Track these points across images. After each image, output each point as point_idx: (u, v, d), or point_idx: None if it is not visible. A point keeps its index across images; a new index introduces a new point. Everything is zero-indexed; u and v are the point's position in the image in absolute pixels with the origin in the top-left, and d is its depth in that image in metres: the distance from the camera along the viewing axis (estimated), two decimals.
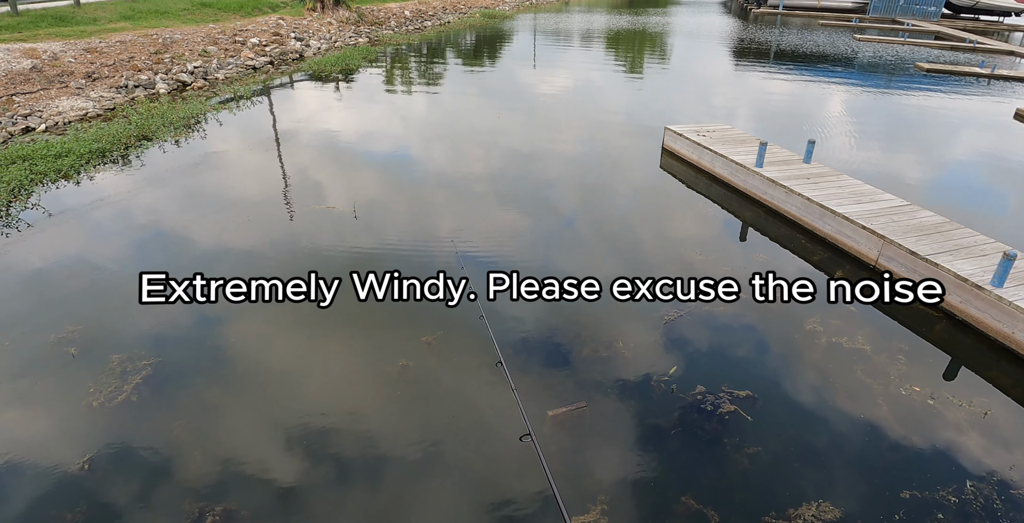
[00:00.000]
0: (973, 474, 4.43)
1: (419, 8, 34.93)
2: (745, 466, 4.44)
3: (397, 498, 4.17)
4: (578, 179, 10.38)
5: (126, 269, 7.04)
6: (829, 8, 43.13)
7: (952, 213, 7.90)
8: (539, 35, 31.06)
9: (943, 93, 17.82)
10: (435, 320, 6.09)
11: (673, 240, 8.28)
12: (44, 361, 5.43)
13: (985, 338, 6.02)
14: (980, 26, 36.81)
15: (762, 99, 17.37)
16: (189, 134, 12.07)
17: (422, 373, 5.37)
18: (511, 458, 4.49)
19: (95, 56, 15.72)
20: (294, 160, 11.02)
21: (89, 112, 12.91)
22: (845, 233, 7.69)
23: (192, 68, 16.90)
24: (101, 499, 4.11)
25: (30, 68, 13.87)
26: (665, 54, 26.33)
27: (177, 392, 5.11)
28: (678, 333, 6.00)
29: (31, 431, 4.70)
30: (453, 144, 12.36)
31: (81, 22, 18.19)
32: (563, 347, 5.77)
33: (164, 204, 8.88)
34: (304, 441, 4.62)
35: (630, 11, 47.22)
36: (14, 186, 8.97)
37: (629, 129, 13.80)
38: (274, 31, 22.55)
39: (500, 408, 4.93)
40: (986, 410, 5.08)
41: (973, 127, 14.47)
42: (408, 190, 9.80)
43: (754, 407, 5.00)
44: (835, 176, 9.12)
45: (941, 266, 6.43)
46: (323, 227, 8.24)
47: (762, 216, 8.90)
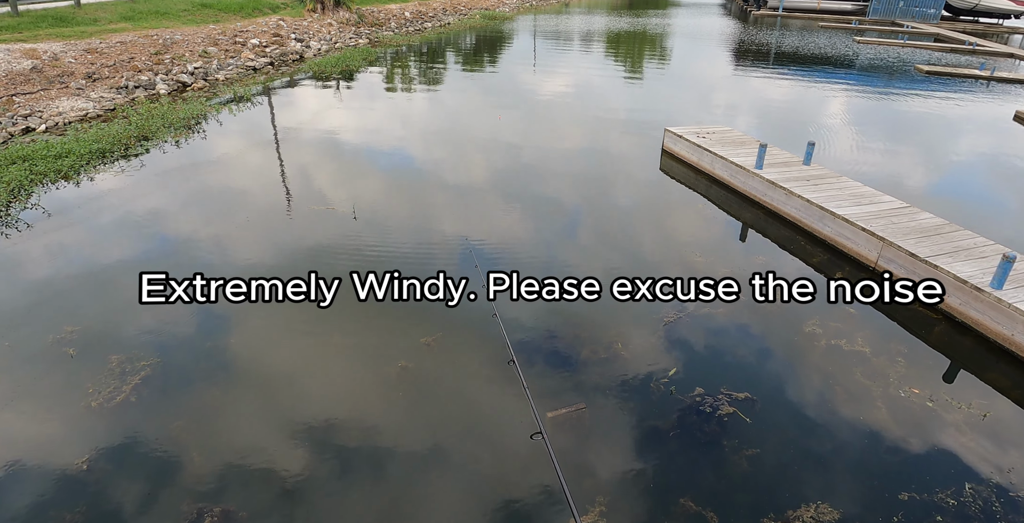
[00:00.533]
0: (972, 476, 4.42)
1: (419, 9, 34.97)
2: (744, 468, 4.44)
3: (406, 493, 4.17)
4: (578, 180, 10.39)
5: (126, 269, 7.04)
6: (829, 10, 43.20)
7: (952, 215, 7.90)
8: (539, 36, 31.09)
9: (943, 95, 17.84)
10: (440, 319, 6.11)
11: (673, 241, 8.28)
12: (43, 362, 5.43)
13: (984, 340, 6.02)
14: (980, 28, 36.88)
15: (762, 101, 17.38)
16: (189, 135, 12.08)
17: (423, 373, 5.37)
18: (519, 455, 4.51)
19: (95, 57, 15.73)
20: (294, 160, 11.02)
21: (89, 113, 12.91)
22: (845, 235, 7.69)
23: (192, 69, 16.90)
24: (100, 500, 4.10)
25: (30, 68, 13.88)
26: (665, 56, 26.35)
27: (175, 393, 5.10)
28: (677, 334, 6.00)
29: (29, 432, 4.70)
30: (453, 145, 12.36)
31: (81, 23, 18.19)
32: (563, 347, 5.76)
33: (164, 204, 8.88)
34: (307, 439, 4.62)
35: (630, 13, 47.28)
36: (14, 186, 8.97)
37: (629, 131, 13.81)
38: (274, 32, 22.56)
39: (510, 406, 4.94)
40: (985, 412, 5.08)
41: (973, 129, 14.48)
42: (409, 191, 9.80)
43: (753, 409, 5.00)
44: (835, 178, 9.12)
45: (941, 268, 6.44)
46: (322, 227, 8.23)
47: (762, 218, 8.90)
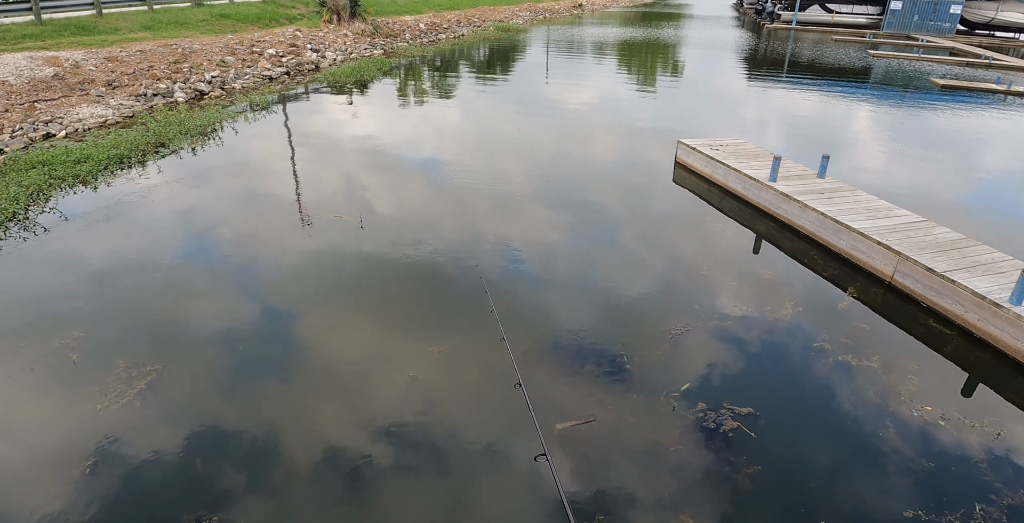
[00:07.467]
0: (983, 496, 4.31)
1: (433, 21, 35.32)
2: (750, 485, 4.36)
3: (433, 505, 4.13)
4: (592, 193, 10.36)
5: (138, 274, 7.10)
6: (843, 24, 43.10)
7: (969, 230, 7.78)
8: (552, 48, 31.25)
9: (958, 110, 17.69)
10: (449, 334, 6.10)
11: (685, 254, 8.21)
12: (50, 366, 5.46)
13: (1003, 357, 5.90)
14: (996, 43, 36.62)
15: (775, 113, 17.32)
16: (205, 142, 12.21)
17: (434, 386, 5.35)
18: (523, 475, 4.47)
19: (115, 65, 15.99)
20: (306, 168, 11.10)
21: (108, 119, 13.11)
22: (860, 249, 7.60)
23: (210, 78, 17.14)
24: (102, 505, 4.10)
25: (52, 76, 14.13)
26: (678, 68, 26.38)
27: (180, 399, 5.11)
28: (687, 348, 5.93)
29: (37, 435, 4.71)
30: (466, 156, 12.40)
31: (103, 32, 18.53)
32: (569, 360, 5.72)
33: (178, 210, 8.96)
34: (317, 450, 4.61)
35: (643, 24, 47.47)
36: (33, 190, 9.10)
37: (642, 143, 13.80)
38: (291, 42, 22.86)
39: (514, 426, 4.90)
40: (999, 430, 4.96)
41: (989, 144, 14.32)
42: (421, 202, 9.83)
43: (757, 424, 4.92)
44: (850, 191, 9.04)
45: (958, 283, 6.33)
46: (333, 236, 8.26)
47: (775, 230, 8.82)
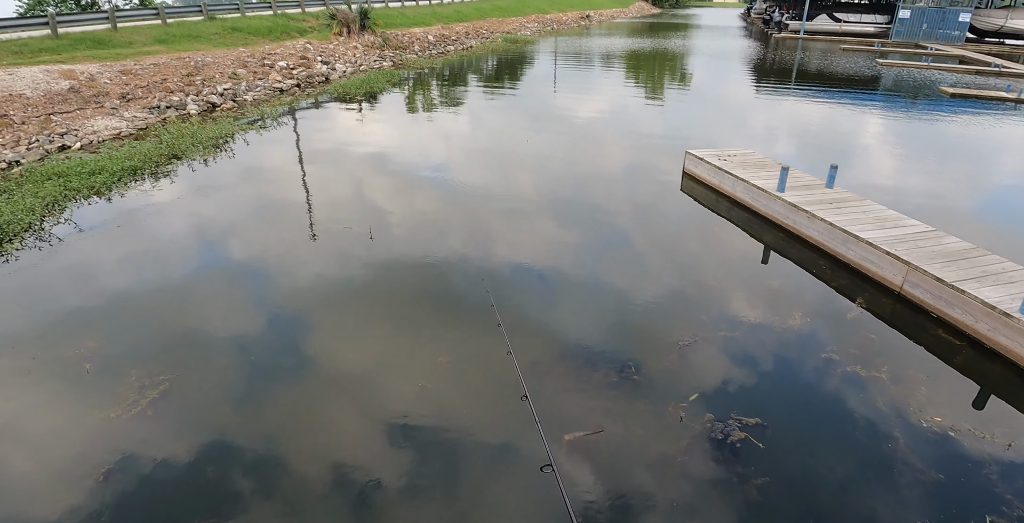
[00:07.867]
0: (994, 508, 4.26)
1: (442, 33, 35.66)
2: (758, 496, 4.34)
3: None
4: (600, 203, 10.39)
5: (150, 284, 7.19)
6: (851, 33, 43.11)
7: (979, 239, 7.73)
8: (560, 59, 31.44)
9: (968, 118, 17.61)
10: (455, 345, 6.12)
11: (693, 264, 8.21)
12: (64, 375, 5.53)
13: (1014, 367, 5.84)
14: (1006, 51, 36.47)
15: (783, 123, 17.32)
16: (217, 153, 12.38)
17: (441, 398, 5.37)
18: (529, 484, 4.47)
19: (129, 78, 16.26)
20: (317, 180, 11.21)
21: (122, 131, 13.31)
22: (869, 259, 7.58)
23: (222, 90, 17.39)
24: (115, 513, 4.14)
25: (68, 89, 14.39)
26: (686, 78, 26.46)
27: (192, 409, 5.16)
28: (695, 359, 5.92)
29: (51, 443, 4.77)
30: (475, 167, 12.49)
31: (117, 45, 18.87)
32: (577, 372, 5.72)
33: (190, 221, 9.07)
34: (326, 460, 4.63)
35: (651, 35, 47.69)
36: (49, 201, 9.25)
37: (650, 153, 13.83)
38: (301, 55, 23.15)
39: (522, 437, 4.90)
40: (1010, 441, 4.91)
41: (1000, 153, 14.24)
42: (429, 212, 9.89)
43: (765, 435, 4.90)
44: (858, 201, 9.02)
45: (968, 293, 6.29)
46: (343, 247, 8.33)
47: (784, 241, 8.81)
